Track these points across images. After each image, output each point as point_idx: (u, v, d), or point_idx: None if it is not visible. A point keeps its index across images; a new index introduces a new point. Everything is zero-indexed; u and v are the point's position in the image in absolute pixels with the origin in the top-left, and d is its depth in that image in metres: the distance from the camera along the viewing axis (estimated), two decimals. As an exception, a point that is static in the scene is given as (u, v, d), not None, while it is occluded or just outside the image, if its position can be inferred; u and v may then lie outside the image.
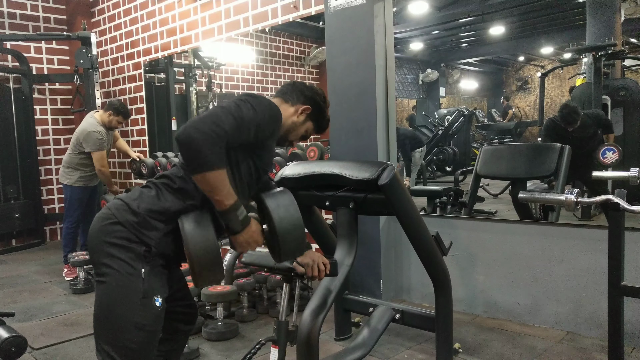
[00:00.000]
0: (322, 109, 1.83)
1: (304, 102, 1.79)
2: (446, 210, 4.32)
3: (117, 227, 1.50)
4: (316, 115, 1.82)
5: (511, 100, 13.42)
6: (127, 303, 1.46)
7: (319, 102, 1.82)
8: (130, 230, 1.49)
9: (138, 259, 1.48)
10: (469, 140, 9.68)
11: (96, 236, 1.53)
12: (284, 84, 1.86)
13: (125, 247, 1.48)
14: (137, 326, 1.47)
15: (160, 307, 1.51)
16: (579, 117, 4.03)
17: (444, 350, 2.35)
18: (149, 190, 1.59)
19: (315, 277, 1.86)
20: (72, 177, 4.38)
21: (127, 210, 1.52)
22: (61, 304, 3.65)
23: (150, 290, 1.49)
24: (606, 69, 4.76)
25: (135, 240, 1.49)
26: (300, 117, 1.78)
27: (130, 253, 1.48)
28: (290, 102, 1.78)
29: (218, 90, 5.88)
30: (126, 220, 1.50)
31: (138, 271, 1.47)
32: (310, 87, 1.83)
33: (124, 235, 1.49)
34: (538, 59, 13.34)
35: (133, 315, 1.46)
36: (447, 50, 12.06)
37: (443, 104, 12.85)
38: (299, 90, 1.80)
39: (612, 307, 1.68)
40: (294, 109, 1.78)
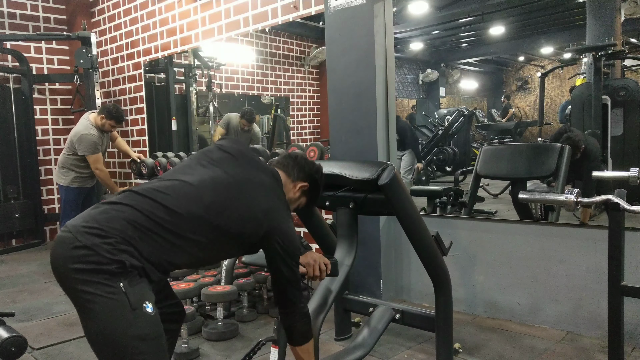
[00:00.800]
0: (318, 186, 1.93)
1: (303, 179, 1.86)
2: (446, 210, 4.32)
3: (82, 252, 1.41)
4: (311, 192, 1.91)
5: (511, 100, 13.41)
6: (120, 321, 1.41)
7: (317, 179, 1.90)
8: (98, 252, 1.41)
9: (113, 277, 1.41)
10: (469, 140, 9.67)
11: (62, 263, 1.44)
12: (284, 155, 1.94)
13: (96, 270, 1.40)
14: (139, 338, 1.43)
15: (153, 312, 1.47)
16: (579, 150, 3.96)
17: (444, 350, 2.35)
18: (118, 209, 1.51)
19: (316, 277, 1.87)
20: (66, 177, 4.38)
21: (89, 233, 1.43)
22: (61, 304, 3.65)
23: (137, 300, 1.44)
24: (606, 69, 4.76)
25: (105, 262, 1.41)
26: (296, 194, 1.86)
27: (104, 274, 1.40)
28: (291, 177, 1.85)
29: (218, 90, 5.88)
30: (92, 244, 1.42)
31: (117, 287, 1.41)
32: (310, 163, 1.91)
33: (91, 259, 1.41)
34: (538, 59, 13.33)
35: (131, 329, 1.42)
36: (447, 50, 12.05)
37: (443, 104, 12.84)
38: (300, 167, 1.87)
39: (612, 307, 1.68)
40: (293, 185, 1.85)
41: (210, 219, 1.56)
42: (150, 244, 1.48)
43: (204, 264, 1.84)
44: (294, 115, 6.88)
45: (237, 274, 3.39)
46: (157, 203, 1.52)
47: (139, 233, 1.47)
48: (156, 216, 1.50)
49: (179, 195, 1.55)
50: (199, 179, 1.62)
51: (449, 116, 9.22)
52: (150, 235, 1.49)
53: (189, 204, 1.54)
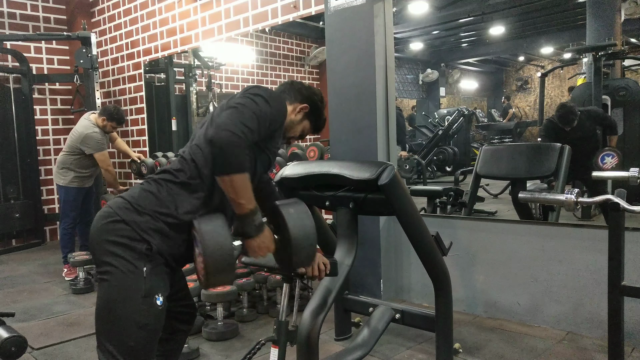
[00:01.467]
0: (319, 108, 1.86)
1: (302, 101, 1.81)
2: (446, 210, 4.32)
3: (120, 226, 1.48)
4: (313, 114, 1.84)
5: (511, 100, 13.42)
6: (128, 302, 1.46)
7: (316, 101, 1.84)
8: (133, 228, 1.48)
9: (140, 258, 1.47)
10: (469, 140, 9.67)
11: (97, 235, 1.51)
12: (281, 83, 1.88)
13: (126, 245, 1.47)
14: (138, 325, 1.46)
15: (162, 305, 1.50)
16: (575, 116, 4.04)
17: (444, 350, 2.35)
18: (150, 187, 1.57)
19: (316, 277, 1.86)
20: (66, 177, 4.36)
21: (130, 208, 1.51)
22: (61, 304, 3.65)
23: (152, 289, 1.48)
24: (606, 69, 4.76)
25: (138, 239, 1.47)
26: (297, 116, 1.81)
27: (132, 252, 1.46)
28: (289, 100, 1.80)
29: (218, 90, 5.88)
30: (129, 219, 1.49)
31: (140, 270, 1.46)
32: (307, 87, 1.86)
33: (126, 234, 1.47)
34: (538, 59, 13.34)
35: (135, 314, 1.46)
36: (447, 50, 12.05)
37: (443, 104, 12.85)
38: (297, 90, 1.82)
39: (612, 307, 1.68)
40: (292, 107, 1.80)
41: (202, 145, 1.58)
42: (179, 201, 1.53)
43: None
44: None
45: (237, 274, 3.39)
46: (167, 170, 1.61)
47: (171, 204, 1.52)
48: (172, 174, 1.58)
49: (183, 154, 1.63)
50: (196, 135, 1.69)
51: (449, 116, 9.22)
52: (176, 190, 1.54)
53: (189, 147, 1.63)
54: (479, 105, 14.25)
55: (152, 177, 1.62)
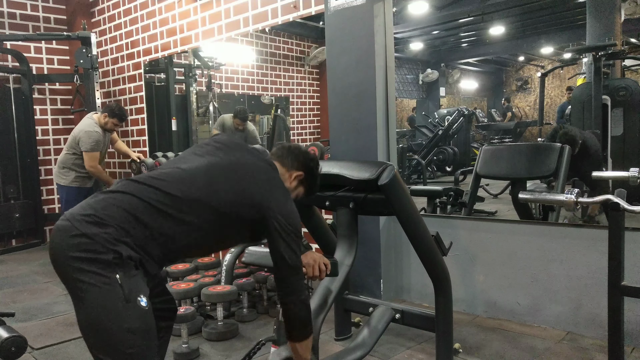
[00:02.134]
0: (314, 175, 1.92)
1: (298, 168, 1.87)
2: (446, 210, 4.31)
3: (81, 240, 1.42)
4: (308, 180, 1.90)
5: (511, 100, 13.42)
6: (112, 312, 1.42)
7: (312, 168, 1.90)
8: (96, 241, 1.42)
9: (109, 267, 1.42)
10: (469, 140, 9.66)
11: (60, 251, 1.45)
12: (278, 147, 1.93)
13: (92, 259, 1.41)
14: (129, 331, 1.44)
15: (147, 305, 1.48)
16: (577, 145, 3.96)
17: (444, 350, 2.35)
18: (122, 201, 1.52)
19: (316, 277, 1.86)
20: (67, 177, 4.37)
21: (87, 221, 1.45)
22: (61, 304, 3.65)
23: (132, 292, 1.44)
24: (606, 69, 4.76)
25: (102, 251, 1.42)
26: (293, 183, 1.86)
27: (100, 263, 1.41)
28: (286, 167, 1.85)
29: (218, 90, 5.88)
30: (91, 233, 1.43)
31: (113, 279, 1.42)
32: (304, 153, 1.91)
33: (89, 248, 1.42)
34: (538, 59, 13.33)
35: (122, 322, 1.43)
36: (447, 50, 12.05)
37: (443, 104, 12.84)
38: (294, 156, 1.88)
39: (612, 307, 1.68)
40: (288, 175, 1.85)
41: (206, 199, 1.57)
42: (148, 232, 1.49)
43: (204, 252, 1.83)
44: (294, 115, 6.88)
45: (237, 274, 3.39)
46: (153, 188, 1.54)
47: (136, 221, 1.48)
48: (154, 200, 1.52)
49: (174, 180, 1.58)
50: (193, 165, 1.65)
51: (449, 116, 9.22)
52: (148, 222, 1.50)
53: (184, 187, 1.57)
54: (479, 105, 14.24)
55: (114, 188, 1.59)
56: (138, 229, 1.48)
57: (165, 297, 1.82)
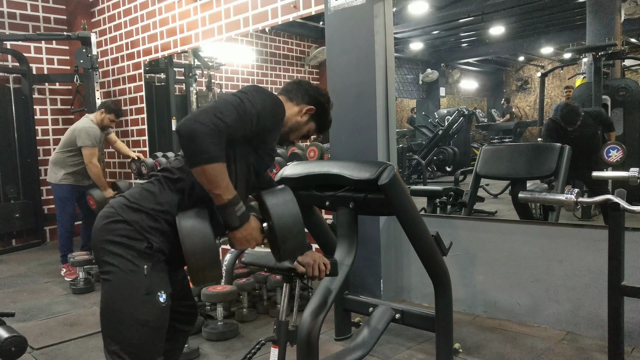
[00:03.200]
0: (325, 110, 1.84)
1: (309, 102, 1.79)
2: (446, 210, 4.32)
3: (120, 225, 1.49)
4: (319, 116, 1.82)
5: (511, 100, 13.42)
6: (130, 300, 1.46)
7: (323, 102, 1.82)
8: (134, 227, 1.48)
9: (140, 256, 1.47)
10: (469, 140, 9.67)
11: (98, 235, 1.52)
12: (289, 82, 1.85)
13: (126, 244, 1.47)
14: (140, 322, 1.46)
15: (165, 302, 1.51)
16: (579, 117, 4.04)
17: (444, 350, 2.35)
18: (151, 186, 1.58)
19: (316, 277, 1.86)
20: (57, 175, 4.33)
21: (130, 208, 1.52)
22: (61, 304, 3.65)
23: (153, 286, 1.48)
24: (606, 69, 4.76)
25: (138, 238, 1.48)
26: (303, 117, 1.79)
27: (132, 250, 1.47)
28: (295, 101, 1.78)
29: (218, 90, 5.88)
30: (130, 218, 1.50)
31: (140, 268, 1.47)
32: (315, 87, 1.83)
33: (125, 233, 1.48)
34: (538, 59, 13.33)
35: (136, 312, 1.46)
36: (447, 50, 12.05)
37: (443, 104, 12.84)
38: (304, 90, 1.80)
39: (612, 307, 1.68)
40: (299, 109, 1.78)
41: None
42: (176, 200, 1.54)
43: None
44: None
45: (237, 274, 3.39)
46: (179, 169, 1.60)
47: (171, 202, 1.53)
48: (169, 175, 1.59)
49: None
50: None
51: (449, 116, 9.22)
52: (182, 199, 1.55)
53: None
54: (479, 105, 14.24)
55: (153, 175, 1.62)
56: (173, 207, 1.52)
57: (188, 302, 1.84)
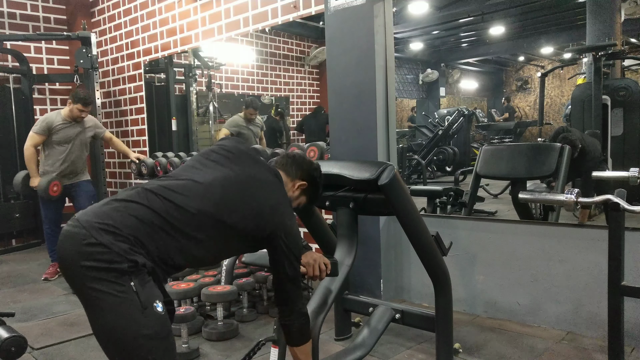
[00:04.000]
0: (317, 185, 1.94)
1: (301, 177, 1.88)
2: (446, 210, 4.32)
3: (96, 249, 1.41)
4: (311, 190, 1.92)
5: (511, 100, 13.42)
6: (130, 321, 1.42)
7: (315, 177, 1.92)
8: (113, 251, 1.41)
9: (124, 275, 1.41)
10: (469, 140, 9.67)
11: (72, 259, 1.44)
12: (282, 155, 1.95)
13: (108, 268, 1.40)
14: (148, 337, 1.43)
15: (163, 311, 1.49)
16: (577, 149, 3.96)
17: (444, 350, 2.35)
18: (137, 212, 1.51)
19: (316, 277, 1.87)
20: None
21: (105, 230, 1.43)
22: (61, 304, 3.65)
23: (148, 299, 1.44)
24: (606, 69, 4.76)
25: (117, 260, 1.41)
26: (296, 192, 1.88)
27: (115, 272, 1.41)
28: (290, 176, 1.87)
29: (218, 90, 5.88)
30: (108, 242, 1.41)
31: (128, 287, 1.41)
32: (308, 162, 1.92)
33: (103, 257, 1.40)
34: (538, 59, 13.33)
35: (140, 328, 1.42)
36: (447, 50, 12.05)
37: (443, 104, 12.84)
38: (298, 165, 1.89)
39: (612, 307, 1.68)
40: (292, 184, 1.86)
41: (220, 216, 1.59)
42: (161, 243, 1.50)
43: (208, 263, 1.84)
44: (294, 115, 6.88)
45: (237, 274, 3.39)
46: (169, 202, 1.54)
47: (151, 233, 1.49)
48: (169, 215, 1.52)
49: (190, 194, 1.58)
50: (209, 178, 1.65)
51: (449, 116, 9.22)
52: (162, 234, 1.51)
53: (200, 203, 1.57)
54: (479, 105, 14.24)
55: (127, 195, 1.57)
56: (152, 241, 1.48)
57: (165, 299, 1.82)
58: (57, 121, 4.18)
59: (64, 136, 4.21)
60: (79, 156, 4.35)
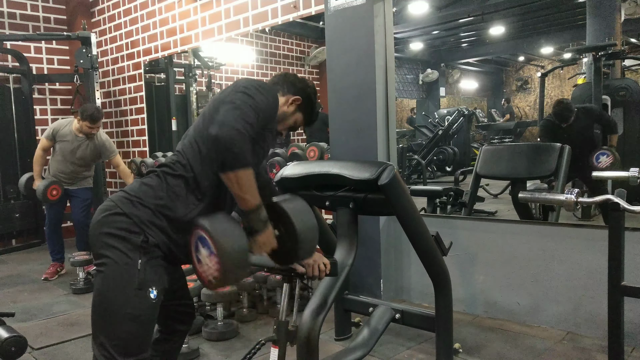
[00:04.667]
0: (312, 101, 1.86)
1: (295, 93, 1.81)
2: (446, 210, 4.32)
3: (119, 218, 1.49)
4: (306, 106, 1.84)
5: (511, 100, 13.43)
6: (121, 294, 1.46)
7: (309, 93, 1.84)
8: (133, 220, 1.48)
9: (135, 250, 1.47)
10: (469, 140, 9.68)
11: (96, 227, 1.52)
12: (275, 75, 1.88)
13: (123, 237, 1.47)
14: (129, 317, 1.46)
15: (155, 299, 1.50)
16: (572, 113, 4.06)
17: (444, 350, 2.35)
18: (150, 180, 1.58)
19: (316, 277, 1.86)
20: None
21: (129, 201, 1.52)
22: (61, 304, 3.65)
23: (146, 282, 1.48)
24: (606, 69, 4.76)
25: (135, 231, 1.48)
26: (290, 108, 1.80)
27: (128, 244, 1.47)
28: (281, 92, 1.79)
29: (218, 90, 5.88)
30: (129, 211, 1.50)
31: (134, 261, 1.46)
32: (301, 79, 1.86)
33: (123, 226, 1.48)
34: (538, 59, 13.34)
35: (126, 305, 1.46)
36: (447, 50, 12.06)
37: (443, 104, 12.85)
38: (290, 82, 1.82)
39: (612, 307, 1.67)
40: (285, 99, 1.79)
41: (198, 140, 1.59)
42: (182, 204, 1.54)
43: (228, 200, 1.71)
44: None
45: (237, 274, 3.39)
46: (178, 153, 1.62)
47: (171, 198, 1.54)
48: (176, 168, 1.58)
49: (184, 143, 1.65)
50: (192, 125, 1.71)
51: (449, 116, 9.23)
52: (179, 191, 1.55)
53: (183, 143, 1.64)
54: (479, 105, 14.25)
55: (152, 171, 1.63)
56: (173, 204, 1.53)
57: (186, 302, 1.83)
58: (65, 131, 4.18)
59: (65, 148, 4.20)
60: (77, 171, 4.30)
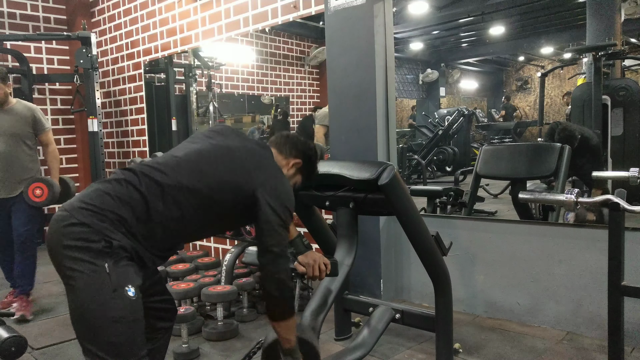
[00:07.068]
0: (312, 163, 1.92)
1: (296, 155, 1.87)
2: (446, 210, 4.32)
3: (76, 229, 1.46)
4: (306, 169, 1.91)
5: (511, 100, 13.42)
6: (99, 301, 1.44)
7: (310, 156, 1.90)
8: (92, 228, 1.46)
9: (99, 256, 1.45)
10: (469, 140, 9.67)
11: (55, 240, 1.50)
12: (277, 134, 1.93)
13: (83, 247, 1.45)
14: (114, 320, 1.45)
15: (134, 296, 1.49)
16: (576, 140, 3.98)
17: (444, 350, 2.35)
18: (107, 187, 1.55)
19: (316, 277, 1.87)
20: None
21: (86, 210, 1.49)
22: (61, 304, 3.65)
23: (120, 282, 1.46)
24: (606, 69, 4.76)
25: (94, 239, 1.45)
26: (290, 170, 1.86)
27: (90, 252, 1.45)
28: (284, 154, 1.85)
29: (218, 90, 5.88)
30: (89, 221, 1.47)
31: (101, 267, 1.44)
32: (303, 142, 1.91)
33: (82, 236, 1.45)
34: (538, 59, 13.33)
35: (108, 310, 1.44)
36: (447, 50, 12.05)
37: (443, 104, 12.84)
38: (292, 144, 1.88)
39: (612, 307, 1.68)
40: (286, 162, 1.85)
41: (197, 185, 1.59)
42: (143, 220, 1.52)
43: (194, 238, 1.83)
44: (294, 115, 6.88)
45: (237, 274, 3.39)
46: (148, 178, 1.57)
47: (132, 210, 1.51)
48: (148, 190, 1.54)
49: (167, 169, 1.60)
50: (186, 152, 1.68)
51: (449, 116, 9.22)
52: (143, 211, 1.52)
53: (175, 175, 1.59)
54: (479, 105, 14.24)
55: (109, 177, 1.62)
56: (134, 217, 1.51)
57: (164, 297, 1.82)
58: None
59: None
60: (13, 155, 3.37)
